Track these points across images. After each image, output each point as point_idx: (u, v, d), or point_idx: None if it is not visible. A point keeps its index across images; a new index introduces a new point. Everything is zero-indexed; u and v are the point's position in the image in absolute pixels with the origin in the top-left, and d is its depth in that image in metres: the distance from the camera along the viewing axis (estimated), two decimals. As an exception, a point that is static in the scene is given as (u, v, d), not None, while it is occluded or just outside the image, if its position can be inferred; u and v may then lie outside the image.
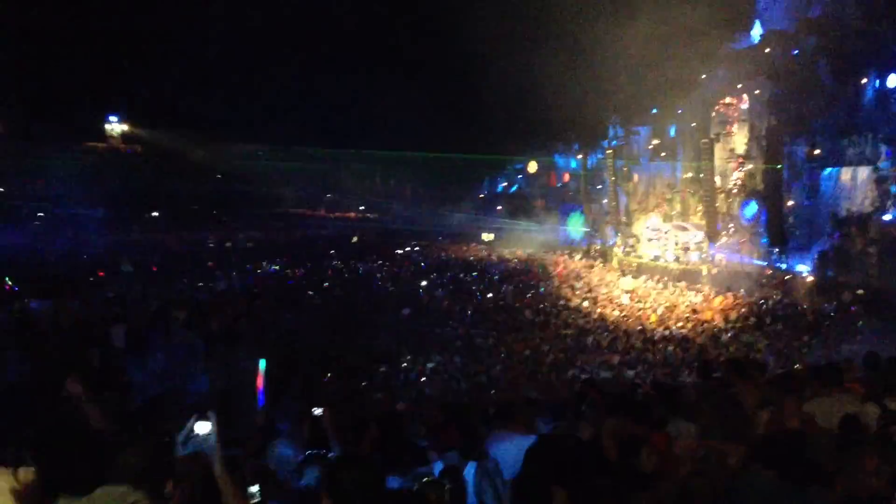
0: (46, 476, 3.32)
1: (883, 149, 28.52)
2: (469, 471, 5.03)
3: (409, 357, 18.49)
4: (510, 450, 5.00)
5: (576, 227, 51.83)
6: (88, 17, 52.68)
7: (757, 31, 37.33)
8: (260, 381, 5.60)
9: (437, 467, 4.88)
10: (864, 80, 29.84)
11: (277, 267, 38.56)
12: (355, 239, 56.22)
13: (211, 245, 46.59)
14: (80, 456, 3.21)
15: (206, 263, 37.70)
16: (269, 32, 60.35)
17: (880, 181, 28.21)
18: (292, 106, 64.91)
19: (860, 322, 22.60)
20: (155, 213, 55.19)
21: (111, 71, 56.04)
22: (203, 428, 3.42)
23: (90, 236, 44.38)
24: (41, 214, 48.76)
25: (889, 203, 27.85)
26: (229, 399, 9.57)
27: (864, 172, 29.04)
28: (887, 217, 27.63)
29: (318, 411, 5.12)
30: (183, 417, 4.18)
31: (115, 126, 63.26)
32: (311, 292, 29.96)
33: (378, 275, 37.24)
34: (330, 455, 4.88)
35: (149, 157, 62.28)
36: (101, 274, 31.26)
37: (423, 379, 17.22)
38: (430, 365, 18.16)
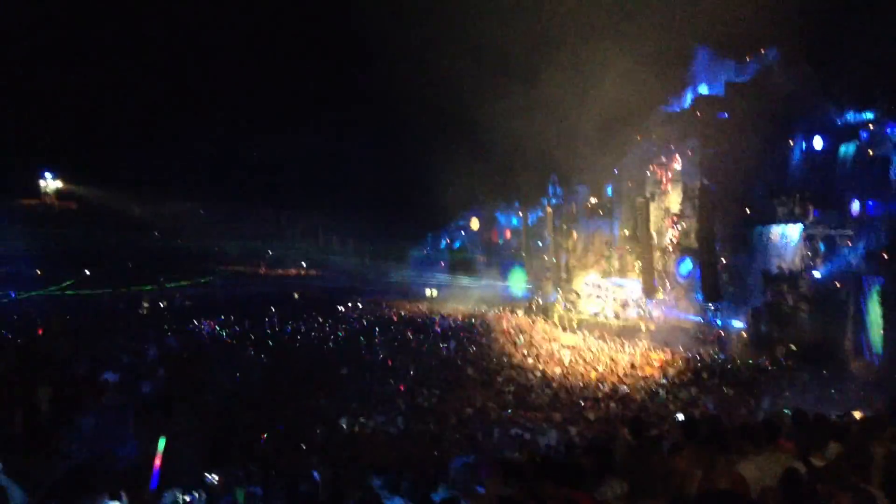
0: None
1: (811, 208, 29.59)
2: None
3: (347, 418, 18.13)
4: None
5: (517, 283, 52.24)
6: (23, 73, 51.97)
7: (689, 95, 38.82)
8: (157, 461, 5.39)
9: None
10: (792, 143, 31.11)
11: (217, 327, 37.78)
12: (297, 296, 55.62)
13: (146, 304, 45.48)
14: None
15: (140, 323, 36.78)
16: (207, 89, 60.28)
17: (809, 239, 29.18)
18: (232, 163, 64.41)
19: (795, 377, 23.08)
20: (87, 272, 53.67)
21: (46, 127, 55.13)
22: None
23: (22, 294, 43.10)
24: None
25: (818, 260, 28.79)
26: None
27: (793, 231, 30.03)
28: (817, 274, 28.53)
29: (213, 478, 4.97)
30: (111, 484, 4.06)
31: (50, 182, 61.99)
32: (250, 352, 29.38)
33: (319, 332, 36.76)
34: None
35: (84, 213, 61.00)
36: (41, 332, 30.33)
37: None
38: (370, 424, 17.85)
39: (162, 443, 5.25)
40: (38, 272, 49.88)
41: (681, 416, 16.16)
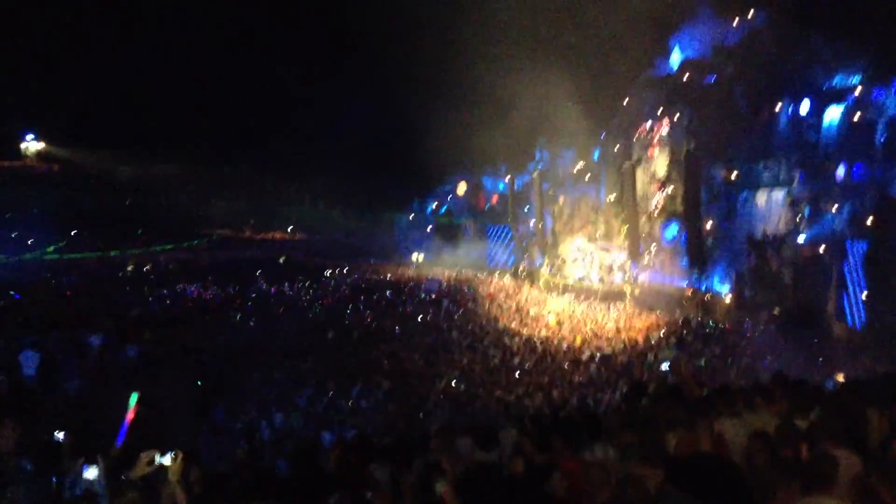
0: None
1: (796, 173, 29.66)
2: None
3: (334, 381, 18.16)
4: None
5: (503, 248, 52.23)
6: (6, 34, 50.98)
7: (676, 59, 38.58)
8: (128, 416, 5.27)
9: None
10: (778, 107, 31.04)
11: (202, 291, 37.63)
12: (282, 259, 55.45)
13: (130, 266, 45.21)
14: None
15: (124, 285, 36.60)
16: (191, 51, 59.32)
17: (794, 204, 29.30)
18: (217, 125, 63.67)
19: (778, 340, 23.31)
20: (73, 232, 53.22)
21: (27, 89, 54.22)
22: (91, 472, 3.35)
23: (3, 257, 42.76)
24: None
25: (802, 225, 28.92)
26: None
27: (778, 195, 30.12)
28: (801, 238, 28.68)
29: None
30: (98, 446, 4.03)
31: (32, 144, 61.21)
32: (235, 316, 29.34)
33: (305, 297, 36.72)
34: None
35: (67, 176, 60.32)
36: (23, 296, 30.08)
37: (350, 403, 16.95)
38: (354, 390, 17.89)
39: (134, 398, 5.14)
40: (20, 235, 49.43)
41: (665, 367, 16.30)
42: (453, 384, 18.66)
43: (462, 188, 62.21)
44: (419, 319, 30.11)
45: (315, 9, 59.74)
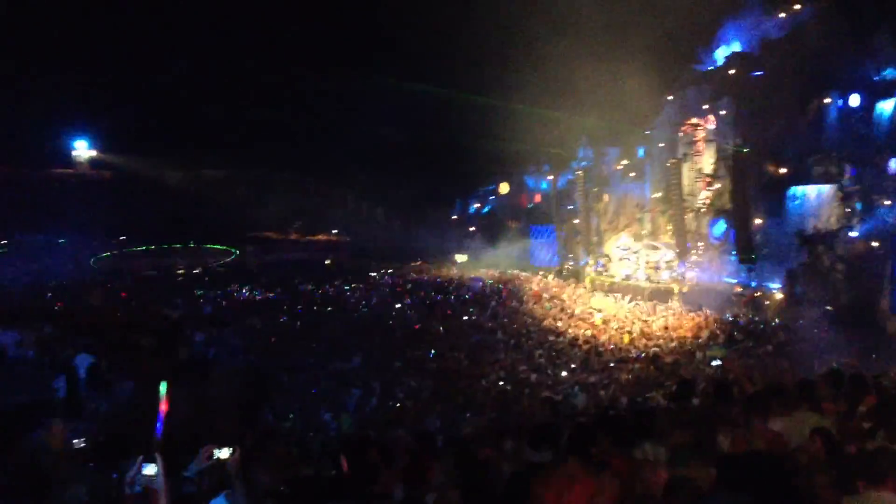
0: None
1: (847, 167, 29.01)
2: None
3: (379, 382, 18.28)
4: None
5: (548, 247, 51.98)
6: (58, 43, 52.28)
7: (722, 53, 38.02)
8: (162, 407, 5.23)
9: None
10: (827, 100, 30.38)
11: (251, 293, 38.20)
12: (328, 261, 56.04)
13: (180, 270, 46.12)
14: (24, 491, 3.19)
15: (176, 288, 37.33)
16: (238, 57, 60.19)
17: (845, 198, 28.66)
18: (262, 129, 64.51)
19: (831, 338, 22.80)
20: (123, 238, 54.40)
21: (79, 97, 55.51)
22: (150, 469, 3.42)
23: (57, 263, 43.87)
24: (4, 242, 47.93)
25: (854, 220, 28.29)
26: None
27: (829, 190, 29.49)
28: (853, 233, 28.05)
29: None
30: (147, 447, 4.11)
31: (83, 152, 62.60)
32: (283, 317, 29.74)
33: (351, 298, 37.05)
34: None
35: (118, 182, 61.60)
36: (60, 305, 30.74)
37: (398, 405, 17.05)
38: (400, 390, 17.99)
39: (163, 387, 5.16)
40: (73, 242, 50.66)
41: (716, 364, 16.05)
42: (499, 384, 18.65)
43: (505, 188, 62.06)
44: (464, 319, 30.16)
45: (358, 12, 60.21)
